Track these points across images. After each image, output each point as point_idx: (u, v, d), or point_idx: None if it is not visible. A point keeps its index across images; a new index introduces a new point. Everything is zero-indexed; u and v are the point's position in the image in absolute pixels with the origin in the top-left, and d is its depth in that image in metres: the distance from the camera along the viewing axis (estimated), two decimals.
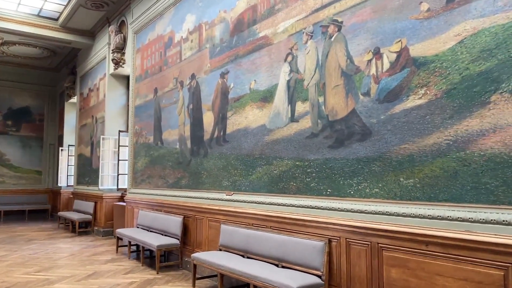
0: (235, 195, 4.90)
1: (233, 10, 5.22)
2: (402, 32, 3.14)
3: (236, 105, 5.05)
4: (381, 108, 3.26)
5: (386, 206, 3.15)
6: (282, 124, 4.28)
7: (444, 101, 2.83)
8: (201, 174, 5.66)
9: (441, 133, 2.83)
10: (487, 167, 2.56)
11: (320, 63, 3.86)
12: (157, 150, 7.03)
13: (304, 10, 4.09)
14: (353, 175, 3.45)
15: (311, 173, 3.86)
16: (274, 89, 4.43)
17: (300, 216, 3.88)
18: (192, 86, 6.06)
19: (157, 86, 7.13)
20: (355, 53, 3.53)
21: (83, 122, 11.37)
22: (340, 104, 3.63)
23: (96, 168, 9.86)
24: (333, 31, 3.75)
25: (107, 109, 9.57)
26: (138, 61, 7.95)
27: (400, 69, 3.14)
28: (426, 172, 2.91)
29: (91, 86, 10.94)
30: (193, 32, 6.12)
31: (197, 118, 5.91)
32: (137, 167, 7.73)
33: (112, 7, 8.89)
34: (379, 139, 3.26)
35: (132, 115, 8.09)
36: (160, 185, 6.79)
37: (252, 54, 4.81)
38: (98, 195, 9.54)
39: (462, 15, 2.76)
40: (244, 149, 4.83)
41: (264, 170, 4.47)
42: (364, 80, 3.43)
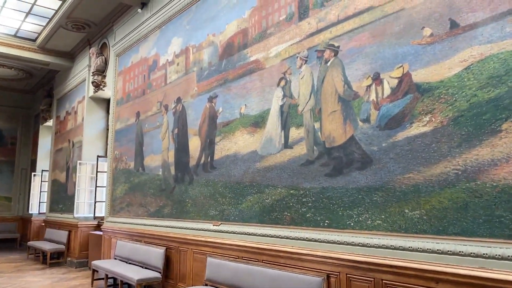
0: (223, 225, 4.62)
1: (222, 33, 5.09)
2: (404, 57, 3.04)
3: (225, 130, 4.85)
4: (383, 135, 3.12)
5: (390, 239, 2.96)
6: (275, 150, 4.09)
7: (451, 129, 2.70)
8: (186, 202, 5.37)
9: (449, 162, 2.69)
10: (501, 199, 2.42)
11: (316, 88, 3.73)
12: (138, 177, 6.70)
13: (298, 34, 3.99)
14: (353, 205, 3.26)
15: (307, 202, 3.66)
16: (266, 114, 4.27)
17: (295, 249, 3.64)
18: (178, 110, 5.84)
19: (140, 110, 6.88)
20: (353, 78, 3.41)
21: (59, 146, 10.90)
22: (337, 130, 3.48)
23: (71, 195, 9.37)
24: (329, 56, 3.64)
25: (85, 133, 9.19)
26: (119, 84, 7.69)
27: (402, 95, 3.03)
28: (434, 203, 2.75)
29: (68, 109, 10.55)
30: (180, 55, 5.95)
31: (182, 143, 5.66)
32: (116, 194, 7.35)
33: (93, 28, 8.67)
34: (381, 167, 3.10)
35: (112, 140, 7.76)
36: (141, 213, 6.44)
37: (243, 78, 4.65)
38: (72, 223, 9.02)
39: (467, 40, 2.68)
40: (234, 176, 4.60)
41: (255, 199, 4.24)
42: (363, 106, 3.30)
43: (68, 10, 7.86)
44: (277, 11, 4.29)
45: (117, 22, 7.91)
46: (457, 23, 2.75)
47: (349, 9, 3.51)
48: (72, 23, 8.42)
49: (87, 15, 8.09)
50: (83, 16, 8.15)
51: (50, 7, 8.10)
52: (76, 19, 8.27)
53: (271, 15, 4.36)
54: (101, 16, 8.15)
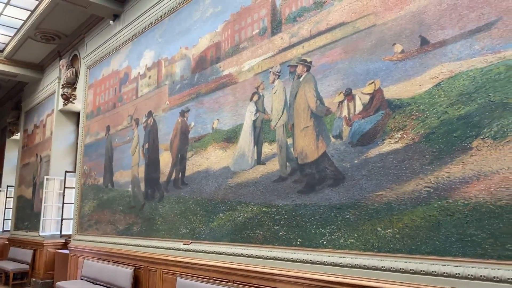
0: (194, 244, 4.46)
1: (195, 47, 5.00)
2: (375, 74, 3.02)
3: (197, 145, 4.72)
4: (355, 151, 3.07)
5: (363, 258, 2.88)
6: (248, 166, 3.99)
7: (422, 146, 2.68)
8: (156, 220, 5.18)
9: (421, 179, 2.65)
10: (472, 217, 2.39)
11: (288, 103, 3.67)
12: (107, 193, 6.46)
13: (271, 49, 3.94)
14: (326, 223, 3.18)
15: (280, 220, 3.56)
16: (239, 129, 4.18)
17: (267, 269, 3.51)
18: (149, 124, 5.68)
19: (110, 123, 6.67)
20: (325, 94, 3.37)
21: (26, 161, 10.47)
22: (310, 146, 3.41)
23: (37, 212, 8.96)
24: (301, 71, 3.60)
25: (53, 147, 8.86)
26: (90, 97, 7.47)
27: (374, 111, 3.00)
28: (406, 221, 2.70)
29: (37, 123, 10.18)
30: (152, 68, 5.82)
31: (153, 158, 5.49)
32: (84, 211, 7.05)
33: (64, 40, 8.44)
34: (353, 184, 3.05)
35: (81, 154, 7.49)
36: (109, 231, 6.18)
37: (215, 92, 4.56)
38: (38, 241, 8.60)
39: (437, 57, 2.68)
40: (205, 192, 4.46)
41: (227, 217, 4.11)
42: (335, 122, 3.25)
43: (37, 20, 7.64)
44: (250, 26, 4.25)
45: (88, 34, 7.72)
46: (427, 40, 2.75)
47: (321, 25, 3.49)
48: (41, 34, 8.18)
49: (57, 26, 7.87)
50: (53, 27, 7.93)
51: (18, 17, 7.84)
52: (45, 30, 8.04)
53: (244, 29, 4.31)
54: (72, 28, 7.95)
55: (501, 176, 2.31)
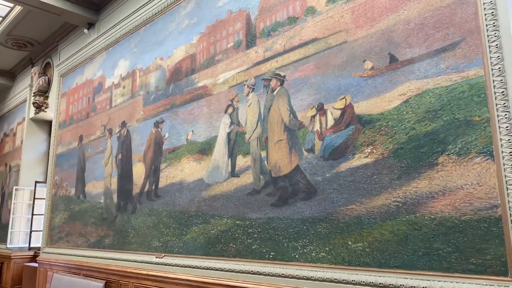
0: (167, 257, 4.39)
1: (170, 58, 4.98)
2: (346, 89, 3.08)
3: (171, 157, 4.68)
4: (326, 165, 3.11)
5: (334, 272, 2.90)
6: (222, 178, 3.97)
7: (391, 161, 2.73)
8: (128, 232, 5.08)
9: (390, 194, 2.71)
10: (438, 231, 2.45)
11: (263, 116, 3.69)
12: (78, 204, 6.30)
13: (246, 62, 3.97)
14: (298, 236, 3.20)
15: (253, 233, 3.55)
16: (213, 141, 4.16)
17: (240, 283, 3.49)
18: (122, 135, 5.60)
19: (83, 133, 6.54)
20: (298, 108, 3.41)
21: None
22: (283, 159, 3.44)
23: (5, 223, 8.64)
24: (275, 85, 3.63)
25: (23, 157, 8.60)
26: (63, 105, 7.31)
27: (345, 126, 3.05)
28: (376, 235, 2.74)
29: (6, 131, 9.88)
30: (126, 78, 5.76)
31: (126, 169, 5.40)
32: (54, 222, 6.85)
33: (36, 47, 8.26)
34: (324, 198, 3.08)
35: (52, 164, 7.29)
36: (80, 244, 6.02)
37: (190, 103, 4.54)
38: (5, 254, 8.29)
39: (406, 75, 2.75)
40: (178, 205, 4.42)
41: (201, 230, 4.07)
42: (308, 136, 3.29)
43: (8, 27, 7.44)
44: (225, 38, 4.26)
45: (62, 42, 7.58)
46: (396, 58, 2.83)
47: (295, 40, 3.54)
48: (13, 40, 7.97)
49: (29, 33, 7.69)
50: (25, 34, 7.75)
51: None
52: (17, 37, 7.84)
53: (219, 42, 4.32)
54: (45, 35, 7.78)
55: (465, 191, 2.38)
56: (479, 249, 2.28)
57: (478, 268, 2.27)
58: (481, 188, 2.32)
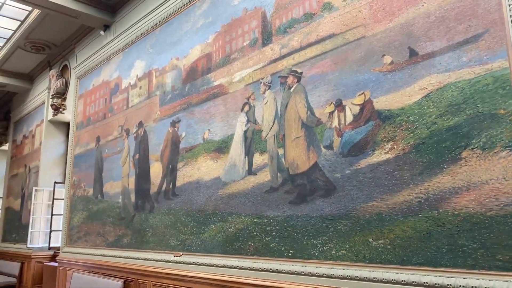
0: (185, 256, 4.41)
1: (186, 57, 5.00)
2: (365, 85, 3.04)
3: (187, 156, 4.69)
4: (346, 162, 3.08)
5: (355, 270, 2.87)
6: (239, 177, 3.97)
7: (412, 156, 2.69)
8: (146, 231, 5.12)
9: (412, 190, 2.66)
10: (463, 227, 2.39)
11: (279, 114, 3.68)
12: (96, 204, 6.37)
13: (262, 60, 3.95)
14: (317, 234, 3.17)
15: (271, 231, 3.53)
16: (229, 139, 4.16)
17: (259, 281, 3.48)
18: (139, 135, 5.65)
19: (100, 134, 6.62)
20: (315, 104, 3.38)
21: (14, 172, 10.32)
22: (301, 157, 3.41)
23: (25, 224, 8.81)
24: (292, 81, 3.61)
25: (42, 158, 8.75)
26: (80, 107, 7.41)
27: (364, 122, 3.01)
28: (397, 232, 2.69)
29: (26, 133, 10.07)
30: (142, 78, 5.81)
31: (143, 169, 5.44)
32: (73, 222, 6.95)
33: (54, 50, 8.39)
34: (344, 195, 3.04)
35: (70, 165, 7.40)
36: (99, 243, 6.08)
37: (206, 102, 4.55)
38: (26, 254, 8.44)
39: (426, 69, 2.70)
40: (196, 203, 4.43)
41: (218, 228, 4.08)
42: (326, 133, 3.26)
43: (27, 31, 7.58)
44: (240, 37, 4.26)
45: (79, 44, 7.69)
46: (416, 52, 2.78)
47: (312, 36, 3.51)
48: (31, 44, 8.12)
49: (47, 36, 7.83)
50: (43, 38, 7.88)
51: (7, 27, 7.79)
52: (35, 40, 7.98)
53: (234, 40, 4.32)
54: (62, 38, 7.90)
55: (491, 186, 2.32)
56: (506, 245, 2.22)
57: (505, 265, 2.21)
58: (508, 183, 2.26)
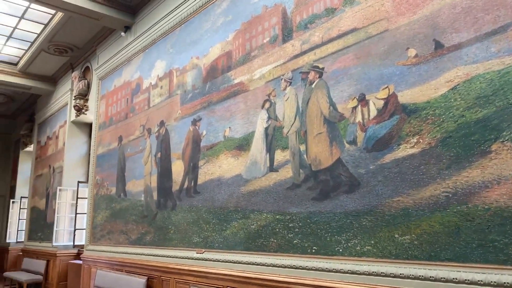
0: (207, 253, 4.43)
1: (206, 56, 5.03)
2: (389, 79, 3.00)
3: (208, 154, 4.72)
4: (370, 157, 3.04)
5: (381, 266, 2.83)
6: (260, 173, 3.97)
7: (439, 150, 2.64)
8: (168, 229, 5.17)
9: (439, 184, 2.61)
10: (494, 222, 2.33)
11: (301, 110, 3.66)
12: (119, 203, 6.48)
13: (282, 56, 3.94)
14: (341, 230, 3.14)
15: (294, 228, 3.52)
16: (250, 136, 4.17)
17: (282, 277, 3.47)
18: (161, 134, 5.71)
19: (122, 134, 6.72)
20: (338, 100, 3.35)
21: (39, 172, 10.58)
22: (324, 152, 3.39)
23: (50, 222, 9.02)
24: (313, 77, 3.59)
25: (66, 158, 8.94)
26: (102, 108, 7.55)
27: (389, 116, 2.97)
28: (424, 227, 2.65)
29: (49, 134, 10.30)
30: (163, 78, 5.87)
31: (165, 167, 5.50)
32: (96, 221, 7.08)
33: (76, 52, 8.57)
34: (369, 191, 3.01)
35: (93, 165, 7.54)
36: (122, 241, 6.18)
37: (227, 100, 4.57)
38: (51, 252, 8.65)
39: (453, 61, 2.65)
40: (218, 201, 4.45)
41: (240, 225, 4.09)
42: (349, 128, 3.23)
43: (50, 34, 7.77)
44: (261, 34, 4.26)
45: (100, 46, 7.83)
46: (442, 44, 2.73)
47: (333, 31, 3.49)
48: (54, 47, 8.31)
49: (69, 39, 7.99)
50: (65, 40, 8.05)
51: (32, 31, 7.99)
52: (58, 43, 8.17)
53: (255, 38, 4.33)
54: (84, 40, 8.06)
55: None
56: None
57: None
58: None
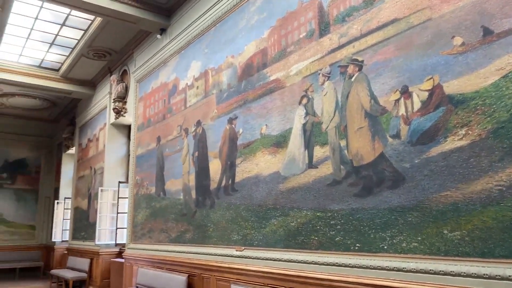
0: (247, 250, 4.44)
1: (241, 54, 5.05)
2: (434, 69, 2.89)
3: (245, 152, 4.73)
4: (415, 151, 2.94)
5: (429, 263, 2.73)
6: (299, 170, 3.93)
7: (491, 142, 2.51)
8: (208, 227, 5.23)
9: (491, 178, 2.48)
10: None
11: (340, 104, 3.60)
12: (159, 202, 6.61)
13: (319, 51, 3.89)
14: (386, 227, 3.06)
15: (335, 225, 3.46)
16: (288, 133, 4.14)
17: (325, 275, 3.42)
18: (198, 133, 5.78)
19: (160, 134, 6.86)
20: (379, 93, 3.27)
21: (81, 174, 10.99)
22: (365, 147, 3.31)
23: (93, 222, 9.34)
24: (353, 71, 3.52)
25: (106, 160, 9.23)
26: (140, 109, 7.73)
27: (434, 108, 2.86)
28: (476, 223, 2.53)
29: (90, 137, 10.68)
30: (199, 78, 5.94)
31: (202, 166, 5.57)
32: (137, 220, 7.26)
33: (114, 56, 8.83)
34: (414, 185, 2.91)
35: (133, 165, 7.74)
36: (162, 239, 6.31)
37: (263, 98, 4.56)
38: (94, 251, 8.95)
39: (503, 47, 2.51)
40: (256, 198, 4.45)
41: (280, 222, 4.07)
42: (392, 121, 3.14)
43: (89, 39, 8.04)
44: (296, 29, 4.22)
45: (137, 49, 8.02)
46: (491, 30, 2.60)
47: (372, 23, 3.40)
48: (93, 51, 8.60)
49: (108, 43, 8.25)
50: (104, 45, 8.32)
51: (72, 37, 8.30)
52: (97, 48, 8.45)
53: (290, 34, 4.29)
54: (121, 44, 8.29)
55: None
56: None
57: None
58: None
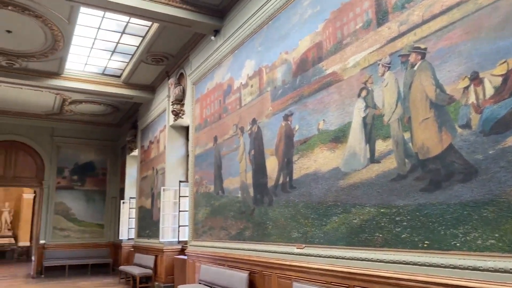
0: (307, 248, 4.39)
1: (295, 50, 4.99)
2: (507, 52, 2.66)
3: (302, 148, 4.67)
4: (488, 141, 2.73)
5: (510, 261, 2.52)
6: (360, 166, 3.81)
7: None
8: (266, 224, 5.23)
9: None
10: None
11: (403, 95, 3.43)
12: (218, 200, 6.74)
13: (378, 41, 3.74)
14: (458, 223, 2.87)
15: (401, 222, 3.31)
16: (347, 128, 4.03)
17: (391, 273, 3.28)
18: (253, 132, 5.81)
19: (217, 134, 6.98)
20: (445, 81, 3.07)
21: (144, 174, 11.50)
22: (432, 139, 3.13)
23: (156, 220, 9.74)
24: (415, 59, 3.34)
25: (167, 160, 9.59)
26: (197, 110, 7.93)
27: (510, 94, 2.63)
28: None
29: (151, 139, 11.14)
30: (253, 77, 5.96)
31: (259, 164, 5.58)
32: (197, 218, 7.46)
33: (171, 60, 9.13)
34: (489, 178, 2.70)
35: (192, 165, 7.97)
36: (222, 237, 6.42)
37: (319, 92, 4.48)
38: (158, 248, 9.33)
39: None
40: (315, 195, 4.38)
41: (341, 220, 3.97)
42: (461, 111, 2.94)
43: (147, 45, 8.38)
44: (352, 20, 4.09)
45: (192, 52, 8.24)
46: None
47: (435, 7, 3.21)
48: (151, 57, 8.96)
49: (164, 48, 8.55)
50: (161, 50, 8.63)
51: (132, 44, 8.70)
52: (155, 53, 8.79)
53: (346, 25, 4.17)
54: (177, 48, 8.56)
55: None
56: None
57: None
58: None
